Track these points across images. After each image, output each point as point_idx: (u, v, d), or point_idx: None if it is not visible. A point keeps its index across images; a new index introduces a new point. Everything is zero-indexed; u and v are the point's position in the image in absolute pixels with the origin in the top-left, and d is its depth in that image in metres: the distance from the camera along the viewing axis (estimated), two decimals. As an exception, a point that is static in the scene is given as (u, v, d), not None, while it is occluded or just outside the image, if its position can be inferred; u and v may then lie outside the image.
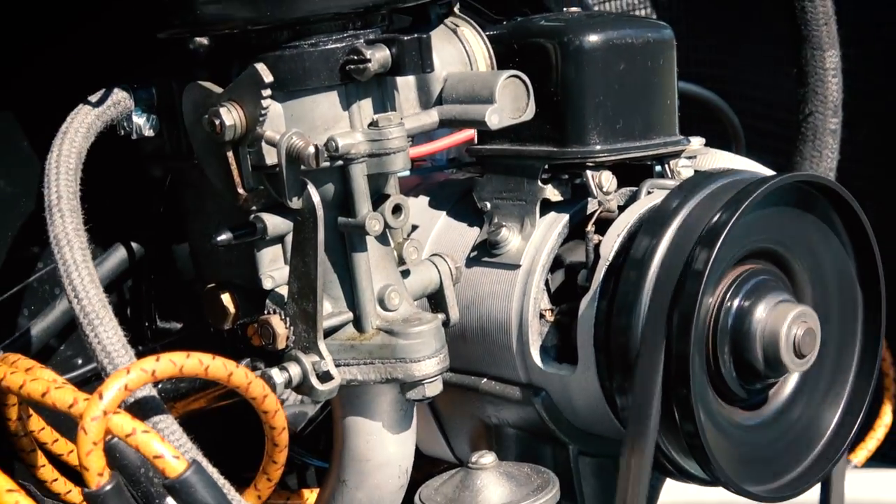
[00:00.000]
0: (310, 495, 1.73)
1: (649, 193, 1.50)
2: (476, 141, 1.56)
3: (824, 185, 1.45)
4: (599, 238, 1.47)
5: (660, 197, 1.48)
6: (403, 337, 1.42)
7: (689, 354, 1.36)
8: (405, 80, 1.46)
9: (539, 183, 1.50)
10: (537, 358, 1.49)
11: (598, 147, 1.49)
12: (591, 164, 1.50)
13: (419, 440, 1.55)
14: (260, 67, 1.35)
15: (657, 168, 1.55)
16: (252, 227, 1.43)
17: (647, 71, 1.51)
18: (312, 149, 1.35)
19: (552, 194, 1.51)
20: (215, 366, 1.29)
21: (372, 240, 1.43)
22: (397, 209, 1.43)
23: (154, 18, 1.42)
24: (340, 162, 1.38)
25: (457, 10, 1.54)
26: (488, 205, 1.54)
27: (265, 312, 1.44)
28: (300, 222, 1.38)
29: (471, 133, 1.56)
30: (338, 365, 1.42)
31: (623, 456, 1.39)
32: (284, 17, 1.37)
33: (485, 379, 1.54)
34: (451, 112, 1.47)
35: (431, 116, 1.47)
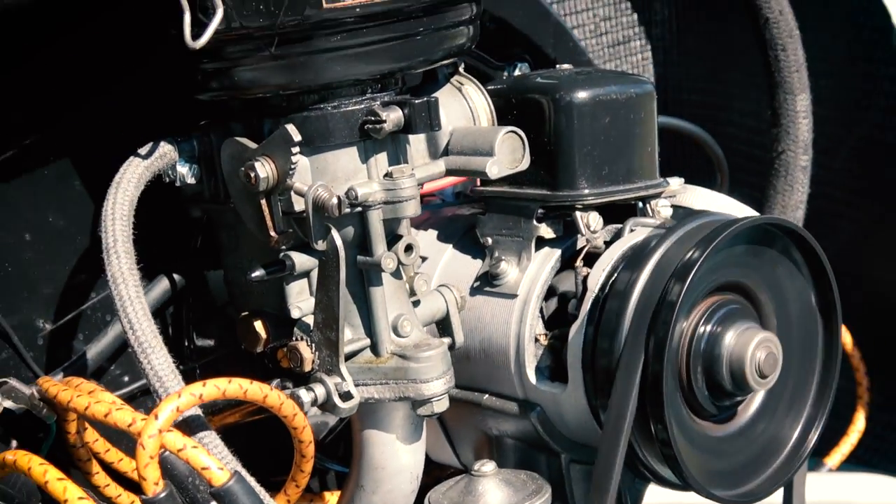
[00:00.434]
0: (331, 497, 1.73)
1: (632, 231, 1.52)
2: (479, 183, 1.58)
3: (786, 227, 1.48)
4: (587, 271, 1.49)
5: (641, 235, 1.50)
6: (415, 361, 1.45)
7: (663, 375, 1.39)
8: (416, 136, 1.48)
9: (534, 222, 1.52)
10: (533, 377, 1.51)
11: (587, 191, 1.51)
12: (580, 206, 1.52)
13: (429, 448, 1.58)
14: (290, 128, 1.39)
15: (640, 206, 1.57)
16: (282, 265, 1.46)
17: (630, 123, 1.53)
18: (336, 200, 1.38)
19: (546, 232, 1.53)
20: (253, 389, 1.34)
21: (387, 275, 1.45)
22: (409, 248, 1.46)
23: (196, 83, 1.45)
24: (359, 208, 1.41)
25: (461, 70, 1.57)
26: (489, 240, 1.56)
27: (293, 339, 1.47)
28: (324, 261, 1.41)
29: (473, 173, 1.55)
30: (357, 385, 1.45)
31: (599, 455, 1.42)
32: (311, 84, 1.41)
33: (486, 395, 1.56)
34: (456, 163, 1.50)
35: (439, 166, 1.50)
